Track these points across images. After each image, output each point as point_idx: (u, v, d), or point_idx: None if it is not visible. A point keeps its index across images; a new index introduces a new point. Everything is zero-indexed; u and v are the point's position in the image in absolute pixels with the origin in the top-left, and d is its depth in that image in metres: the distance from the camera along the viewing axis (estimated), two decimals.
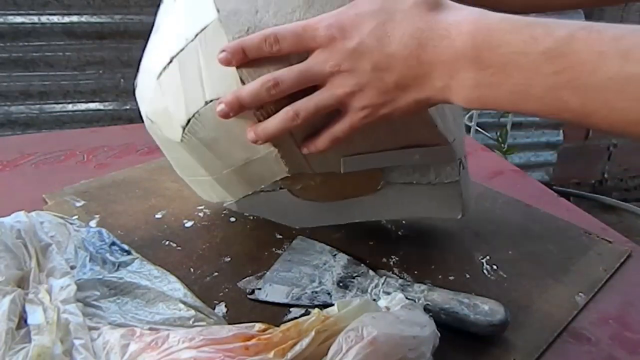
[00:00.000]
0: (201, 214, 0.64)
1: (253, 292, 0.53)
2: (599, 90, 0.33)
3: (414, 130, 0.49)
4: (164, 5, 0.52)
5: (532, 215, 0.69)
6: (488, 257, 0.60)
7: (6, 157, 0.76)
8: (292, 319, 0.40)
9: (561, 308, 0.54)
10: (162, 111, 0.50)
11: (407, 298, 0.44)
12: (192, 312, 0.43)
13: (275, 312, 0.51)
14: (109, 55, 1.52)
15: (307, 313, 0.49)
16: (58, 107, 1.57)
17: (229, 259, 0.57)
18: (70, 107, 1.58)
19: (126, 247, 0.51)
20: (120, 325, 0.41)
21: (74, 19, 1.48)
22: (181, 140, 0.50)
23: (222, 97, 0.43)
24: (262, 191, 0.56)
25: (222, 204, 0.61)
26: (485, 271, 0.58)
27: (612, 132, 0.36)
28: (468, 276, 0.57)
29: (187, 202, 0.66)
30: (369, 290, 0.52)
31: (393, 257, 0.59)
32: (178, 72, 0.47)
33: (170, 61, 0.47)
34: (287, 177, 0.52)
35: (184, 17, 0.48)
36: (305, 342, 0.37)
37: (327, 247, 0.59)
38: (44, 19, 1.46)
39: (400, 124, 0.47)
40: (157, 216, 0.63)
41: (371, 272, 0.55)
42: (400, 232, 0.63)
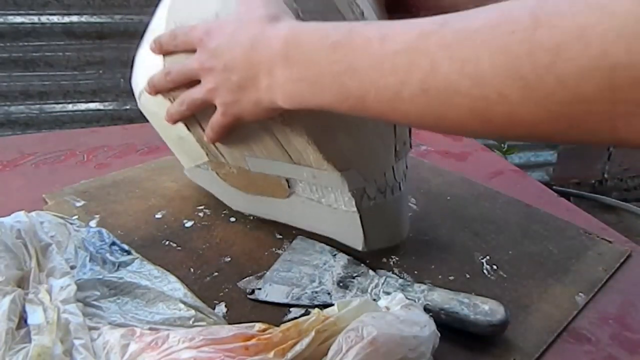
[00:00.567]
0: (201, 214, 0.64)
1: (253, 292, 0.53)
2: (367, 71, 0.37)
3: (296, 147, 0.51)
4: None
5: (532, 215, 0.69)
6: (488, 257, 0.60)
7: (6, 157, 0.76)
8: (292, 319, 0.40)
9: (561, 308, 0.54)
10: (133, 82, 0.60)
11: (407, 298, 0.44)
12: (192, 312, 0.43)
13: (275, 312, 0.51)
14: (109, 55, 1.53)
15: (307, 313, 0.49)
16: (58, 107, 1.57)
17: (229, 259, 0.57)
18: (70, 107, 1.58)
19: (126, 247, 0.51)
20: (120, 325, 0.41)
21: (74, 19, 1.48)
22: (141, 108, 0.60)
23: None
24: (200, 167, 0.62)
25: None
26: (485, 271, 0.58)
27: (384, 116, 0.39)
28: (468, 276, 0.57)
29: (187, 202, 0.66)
30: (369, 290, 0.52)
31: (393, 257, 0.59)
32: (142, 52, 0.57)
33: (140, 41, 0.58)
34: (213, 161, 0.59)
35: (156, 13, 0.57)
36: (305, 342, 0.37)
37: (327, 247, 0.59)
38: (44, 19, 1.47)
39: (284, 139, 0.51)
40: (157, 216, 0.63)
41: (371, 272, 0.55)
42: None
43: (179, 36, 0.49)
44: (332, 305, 0.41)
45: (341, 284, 0.54)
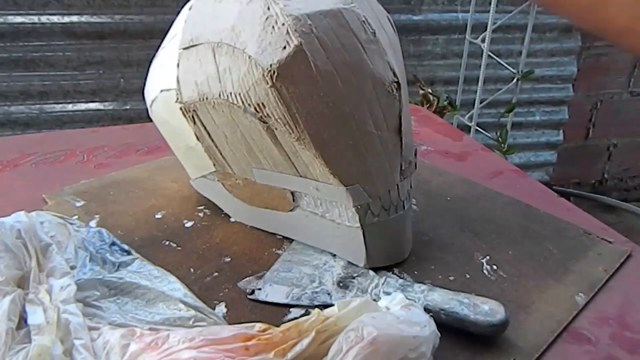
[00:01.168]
0: (201, 214, 0.64)
1: (253, 292, 0.53)
2: None
3: (303, 160, 0.51)
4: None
5: (532, 215, 0.69)
6: (488, 257, 0.60)
7: (6, 157, 0.76)
8: (292, 319, 0.40)
9: (561, 308, 0.54)
10: (146, 90, 0.61)
11: (407, 298, 0.44)
12: (192, 312, 0.43)
13: (275, 312, 0.51)
14: (109, 55, 1.52)
15: (307, 313, 0.49)
16: (58, 107, 1.57)
17: (229, 259, 0.57)
18: (70, 107, 1.58)
19: (126, 247, 0.51)
20: (120, 325, 0.41)
21: (74, 19, 1.48)
22: (152, 116, 0.61)
23: None
24: (206, 178, 0.62)
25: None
26: (485, 271, 0.58)
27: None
28: (468, 276, 0.57)
29: (187, 202, 0.66)
30: (369, 290, 0.52)
31: None
32: (157, 62, 0.59)
33: (157, 51, 0.59)
34: (220, 172, 0.60)
35: (173, 25, 0.59)
36: (305, 342, 0.37)
37: None
38: (44, 19, 1.46)
39: (291, 151, 0.51)
40: (157, 216, 0.63)
41: (371, 272, 0.55)
42: None
43: None
44: (332, 305, 0.41)
45: (341, 284, 0.54)
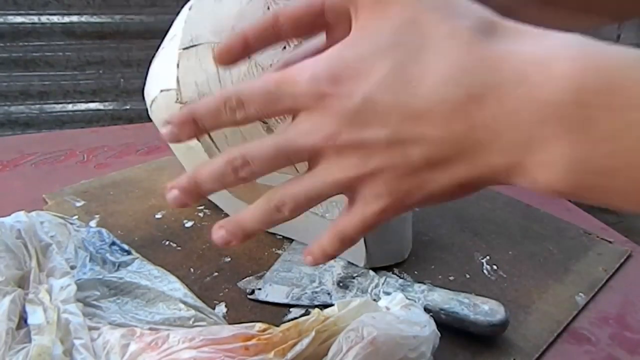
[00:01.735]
0: (201, 214, 0.64)
1: (253, 292, 0.53)
2: None
3: (306, 163, 0.50)
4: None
5: (532, 215, 0.69)
6: (488, 257, 0.60)
7: (6, 157, 0.76)
8: (292, 319, 0.40)
9: (561, 308, 0.54)
10: (146, 91, 0.60)
11: (407, 298, 0.44)
12: (192, 312, 0.43)
13: (275, 312, 0.51)
14: (109, 55, 1.53)
15: (307, 313, 0.49)
16: (58, 107, 1.57)
17: (229, 259, 0.57)
18: (70, 107, 1.58)
19: (126, 247, 0.51)
20: (120, 325, 0.41)
21: (74, 19, 1.48)
22: (152, 117, 0.60)
23: (177, 180, 0.31)
24: None
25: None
26: (485, 271, 0.58)
27: None
28: (468, 276, 0.57)
29: None
30: (369, 290, 0.52)
31: None
32: (157, 62, 0.58)
33: (157, 51, 0.58)
34: None
35: (173, 25, 0.58)
36: (305, 342, 0.37)
37: None
38: (44, 19, 1.47)
39: None
40: (157, 216, 0.63)
41: (371, 272, 0.55)
42: None
43: (257, 99, 0.28)
44: (332, 305, 0.41)
45: (341, 284, 0.54)
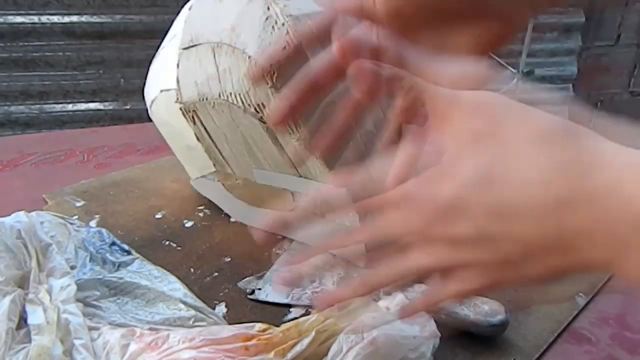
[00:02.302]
0: (201, 214, 0.64)
1: (253, 292, 0.53)
2: None
3: (306, 163, 0.51)
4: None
5: None
6: None
7: (6, 157, 0.76)
8: (292, 319, 0.40)
9: (561, 308, 0.53)
10: (146, 91, 0.61)
11: (407, 298, 0.44)
12: (192, 312, 0.43)
13: (275, 312, 0.51)
14: (109, 55, 1.52)
15: (307, 313, 0.49)
16: (58, 107, 1.57)
17: (229, 259, 0.57)
18: (70, 107, 1.58)
19: (126, 247, 0.51)
20: (120, 325, 0.41)
21: (74, 19, 1.48)
22: (152, 117, 0.62)
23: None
24: (206, 178, 0.62)
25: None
26: None
27: None
28: None
29: (187, 202, 0.66)
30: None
31: None
32: (157, 62, 0.59)
33: (157, 51, 0.59)
34: (220, 172, 0.60)
35: (173, 25, 0.59)
36: (305, 342, 0.37)
37: None
38: (44, 19, 1.47)
39: (291, 152, 0.51)
40: (157, 216, 0.63)
41: None
42: None
43: (371, 189, 0.31)
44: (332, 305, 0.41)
45: (341, 284, 0.54)
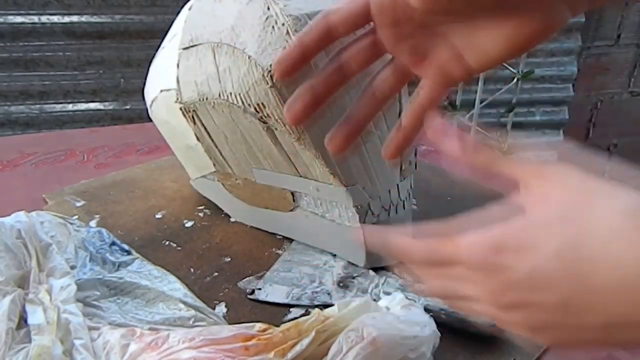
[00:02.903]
0: (201, 214, 0.64)
1: (253, 292, 0.53)
2: None
3: (303, 161, 0.51)
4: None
5: None
6: None
7: (6, 157, 0.76)
8: (292, 319, 0.40)
9: None
10: (146, 90, 0.61)
11: (407, 298, 0.44)
12: (192, 312, 0.43)
13: (275, 312, 0.51)
14: (109, 55, 1.52)
15: (307, 313, 0.49)
16: (58, 107, 1.57)
17: (229, 259, 0.57)
18: (70, 107, 1.58)
19: (126, 247, 0.51)
20: (120, 325, 0.41)
21: (74, 19, 1.48)
22: (152, 116, 0.62)
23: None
24: (206, 178, 0.62)
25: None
26: None
27: None
28: None
29: (187, 202, 0.66)
30: (369, 291, 0.52)
31: None
32: (157, 62, 0.59)
33: (157, 51, 0.59)
34: (220, 172, 0.60)
35: (173, 25, 0.59)
36: (305, 342, 0.37)
37: None
38: (44, 19, 1.46)
39: (291, 152, 0.51)
40: (157, 216, 0.63)
41: (371, 272, 0.55)
42: None
43: (433, 253, 0.32)
44: (332, 305, 0.41)
45: (341, 284, 0.54)
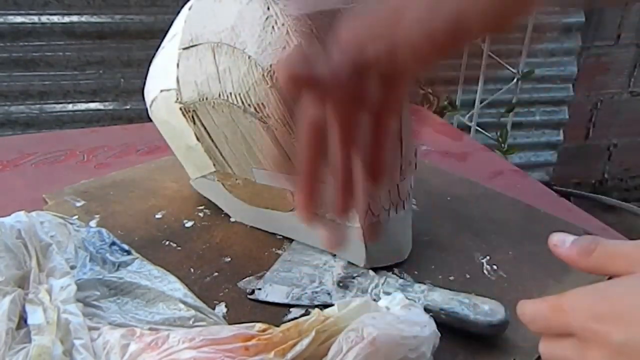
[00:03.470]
0: (201, 214, 0.64)
1: (253, 292, 0.53)
2: None
3: None
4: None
5: (532, 215, 0.68)
6: (488, 257, 0.60)
7: (6, 157, 0.76)
8: (292, 319, 0.40)
9: None
10: (146, 90, 0.61)
11: (407, 298, 0.44)
12: (192, 312, 0.43)
13: (275, 312, 0.51)
14: (109, 55, 1.52)
15: (307, 313, 0.49)
16: (58, 107, 1.57)
17: (229, 259, 0.57)
18: (70, 107, 1.58)
19: (126, 247, 0.51)
20: (120, 325, 0.41)
21: (74, 19, 1.48)
22: (152, 116, 0.62)
23: None
24: (206, 178, 0.62)
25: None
26: (485, 271, 0.58)
27: None
28: (468, 276, 0.57)
29: (187, 202, 0.66)
30: (369, 290, 0.52)
31: None
32: (157, 61, 0.59)
33: (157, 51, 0.60)
34: (220, 172, 0.59)
35: (174, 24, 0.59)
36: (305, 342, 0.37)
37: None
38: (44, 19, 1.46)
39: (291, 151, 0.50)
40: (157, 216, 0.63)
41: (371, 272, 0.55)
42: None
43: (552, 319, 0.34)
44: (332, 305, 0.41)
45: (341, 284, 0.54)
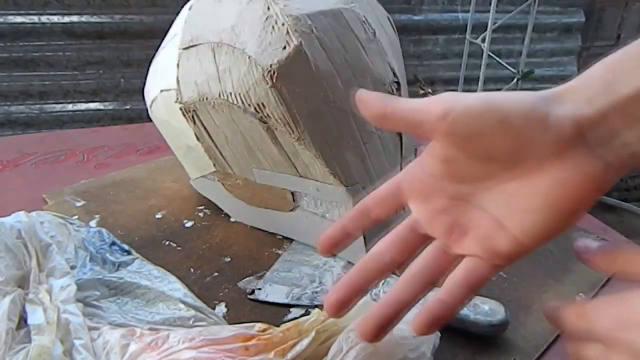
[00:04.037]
0: (201, 214, 0.64)
1: (253, 292, 0.53)
2: None
3: (304, 161, 0.51)
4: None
5: None
6: None
7: (6, 157, 0.76)
8: (292, 319, 0.40)
9: None
10: (146, 90, 0.61)
11: None
12: (192, 312, 0.43)
13: (275, 312, 0.51)
14: (109, 55, 1.52)
15: (307, 313, 0.49)
16: (58, 107, 1.57)
17: (229, 259, 0.57)
18: (70, 107, 1.58)
19: (126, 247, 0.51)
20: (120, 325, 0.41)
21: (74, 19, 1.48)
22: (152, 116, 0.61)
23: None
24: (206, 177, 0.62)
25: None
26: None
27: None
28: None
29: (187, 202, 0.66)
30: (369, 290, 0.52)
31: None
32: (157, 61, 0.58)
33: (157, 51, 0.59)
34: (220, 172, 0.59)
35: (173, 25, 0.59)
36: (305, 342, 0.37)
37: None
38: (44, 19, 1.47)
39: (291, 152, 0.50)
40: (157, 216, 0.63)
41: None
42: None
43: (581, 324, 0.31)
44: None
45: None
